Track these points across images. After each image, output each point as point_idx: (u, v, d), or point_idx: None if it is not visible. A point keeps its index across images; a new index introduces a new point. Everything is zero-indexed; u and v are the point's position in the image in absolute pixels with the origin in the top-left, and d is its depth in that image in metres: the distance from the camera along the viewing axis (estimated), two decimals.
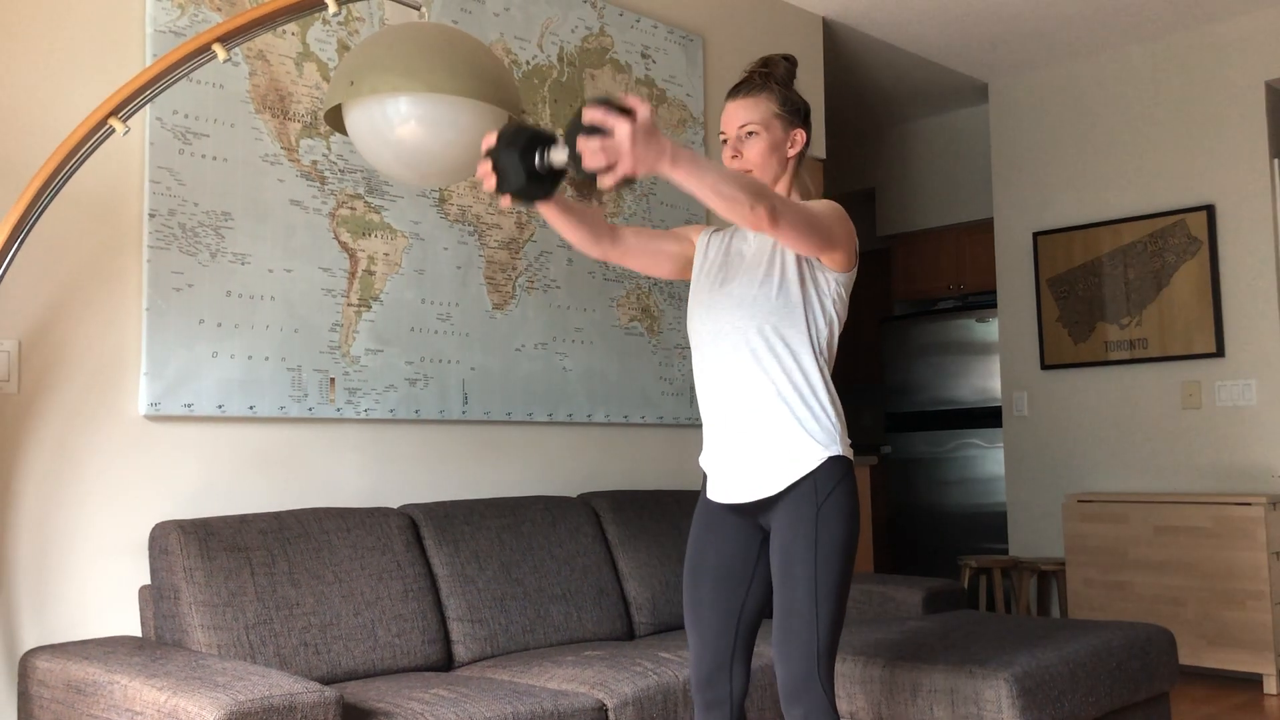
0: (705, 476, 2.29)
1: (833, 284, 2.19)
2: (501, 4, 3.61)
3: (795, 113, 2.25)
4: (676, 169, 1.81)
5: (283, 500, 3.03)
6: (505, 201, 1.94)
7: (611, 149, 1.73)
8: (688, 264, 2.34)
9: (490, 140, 1.89)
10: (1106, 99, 5.54)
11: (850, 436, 7.04)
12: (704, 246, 2.33)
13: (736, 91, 2.25)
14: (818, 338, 2.17)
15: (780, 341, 2.13)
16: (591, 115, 1.72)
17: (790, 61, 2.28)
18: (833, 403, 2.17)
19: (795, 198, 2.27)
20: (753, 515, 2.21)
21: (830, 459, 2.12)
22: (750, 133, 2.22)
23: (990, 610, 6.00)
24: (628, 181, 1.78)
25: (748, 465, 2.16)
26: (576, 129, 1.74)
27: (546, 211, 2.11)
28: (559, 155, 1.82)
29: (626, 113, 1.73)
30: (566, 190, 1.82)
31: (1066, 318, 5.62)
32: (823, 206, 2.12)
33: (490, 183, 1.90)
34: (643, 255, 2.29)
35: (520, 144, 1.84)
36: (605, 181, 1.76)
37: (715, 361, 2.19)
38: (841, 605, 2.10)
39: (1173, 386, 5.28)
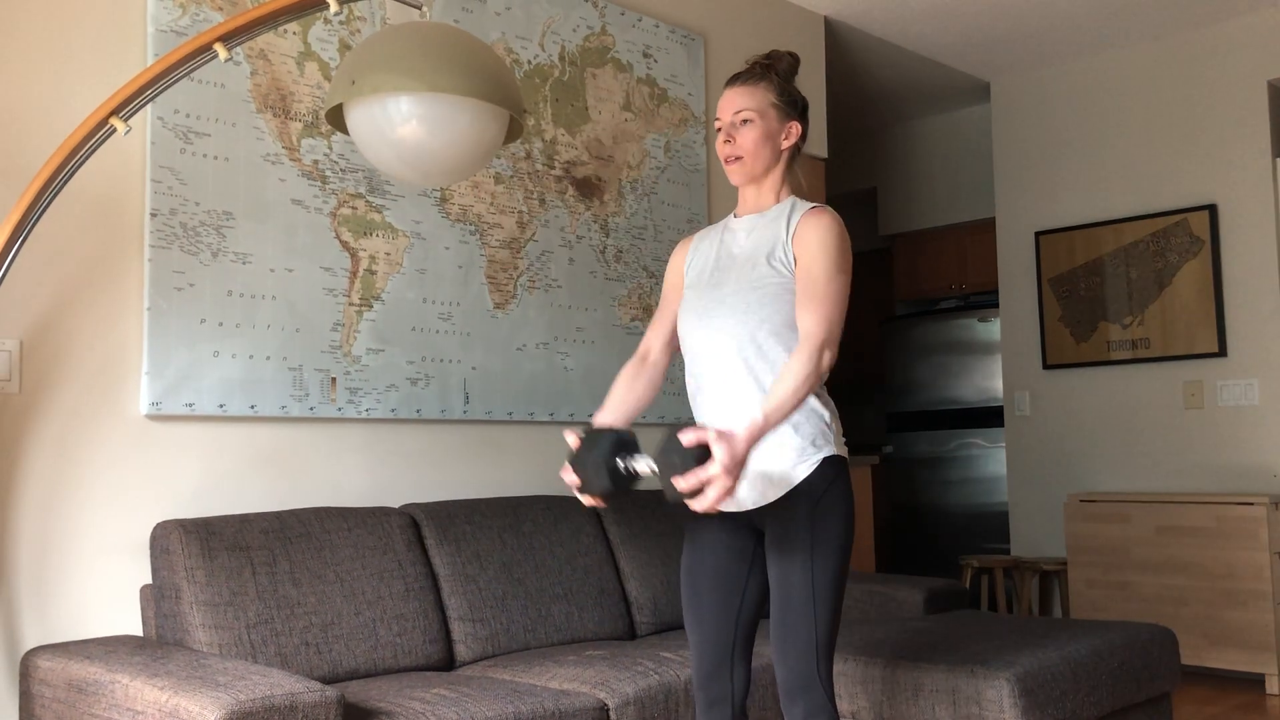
0: None
1: None
2: (503, 3, 3.61)
3: (792, 105, 2.24)
4: (761, 440, 1.91)
5: (284, 500, 3.03)
6: (591, 502, 1.99)
7: (713, 490, 1.81)
8: None
9: (572, 477, 1.96)
10: (1108, 98, 5.54)
11: (852, 436, 7.03)
12: (691, 257, 2.31)
13: (736, 79, 2.24)
14: None
15: (775, 344, 2.12)
16: (687, 486, 1.79)
17: (794, 58, 2.27)
18: (825, 404, 2.16)
19: (786, 192, 2.25)
20: (747, 516, 2.20)
21: (825, 459, 2.12)
22: (745, 120, 2.20)
23: (992, 610, 5.99)
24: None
25: (745, 474, 2.14)
26: (678, 498, 1.82)
27: None
28: (642, 466, 1.91)
29: (700, 448, 1.81)
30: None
31: (1068, 317, 5.61)
32: (833, 254, 2.11)
33: (575, 484, 1.97)
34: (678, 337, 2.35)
35: (606, 474, 1.91)
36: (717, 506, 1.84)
37: (709, 366, 2.18)
38: (839, 603, 2.10)
39: (1175, 386, 5.28)
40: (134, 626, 2.75)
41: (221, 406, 2.90)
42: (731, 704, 2.20)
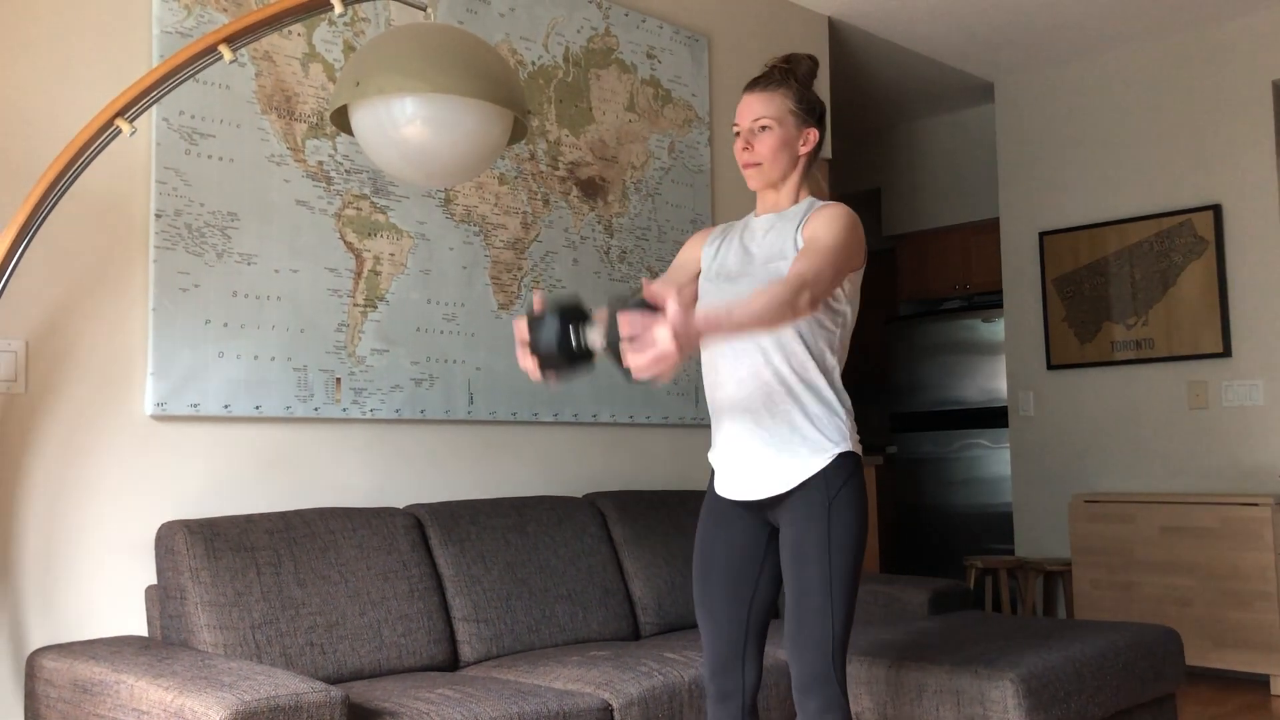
0: (713, 470, 2.30)
1: (844, 281, 2.20)
2: (507, 4, 3.61)
3: (810, 111, 2.26)
4: (716, 335, 1.85)
5: (288, 500, 3.03)
6: (552, 382, 1.95)
7: (653, 347, 1.75)
8: None
9: (523, 329, 1.91)
10: (1113, 98, 5.53)
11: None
12: (713, 250, 2.33)
13: (755, 85, 2.26)
14: (829, 335, 2.18)
15: (792, 339, 2.14)
16: (629, 327, 1.76)
17: (813, 61, 2.29)
18: (842, 400, 2.18)
19: (804, 194, 2.28)
20: (760, 510, 2.21)
21: (840, 455, 2.13)
22: (764, 126, 2.22)
23: (996, 611, 5.99)
24: None
25: (759, 463, 2.16)
26: (616, 339, 1.79)
27: None
28: (595, 338, 1.87)
29: (655, 309, 1.75)
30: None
31: (1072, 317, 5.61)
32: (839, 229, 2.11)
33: (534, 369, 1.92)
34: None
35: (556, 331, 1.88)
36: (657, 381, 1.79)
37: (726, 360, 2.20)
38: (853, 600, 2.13)
39: (1179, 386, 5.27)
40: (139, 627, 2.76)
41: (226, 407, 2.90)
42: (742, 698, 2.22)
